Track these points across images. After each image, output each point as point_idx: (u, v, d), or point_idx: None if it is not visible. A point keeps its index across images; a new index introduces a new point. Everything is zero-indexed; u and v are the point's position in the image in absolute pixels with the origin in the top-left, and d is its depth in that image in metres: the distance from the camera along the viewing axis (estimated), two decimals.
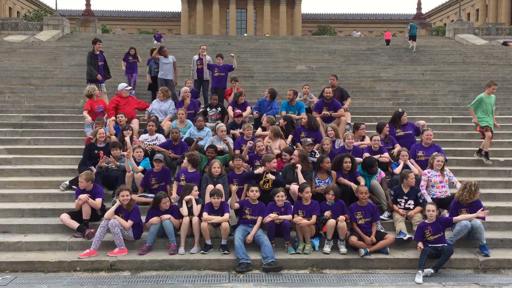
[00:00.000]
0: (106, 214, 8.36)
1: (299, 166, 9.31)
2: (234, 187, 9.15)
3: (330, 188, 8.61)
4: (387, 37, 32.51)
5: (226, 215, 8.36)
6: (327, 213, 8.37)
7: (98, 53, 14.30)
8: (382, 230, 8.63)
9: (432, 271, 7.71)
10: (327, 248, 8.31)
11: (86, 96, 12.61)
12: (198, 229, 8.31)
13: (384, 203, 9.31)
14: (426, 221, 8.25)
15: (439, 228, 8.10)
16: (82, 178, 8.79)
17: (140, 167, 9.79)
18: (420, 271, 7.63)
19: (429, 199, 9.05)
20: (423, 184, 9.32)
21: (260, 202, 8.69)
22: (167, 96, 12.87)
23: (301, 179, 9.12)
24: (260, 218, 8.45)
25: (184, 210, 8.46)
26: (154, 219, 8.36)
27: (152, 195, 9.40)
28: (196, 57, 15.10)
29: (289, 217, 8.38)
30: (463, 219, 8.29)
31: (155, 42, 32.11)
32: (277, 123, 11.61)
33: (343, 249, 8.30)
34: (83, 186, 8.76)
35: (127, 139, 10.68)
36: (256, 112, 12.53)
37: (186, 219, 8.35)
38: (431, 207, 8.21)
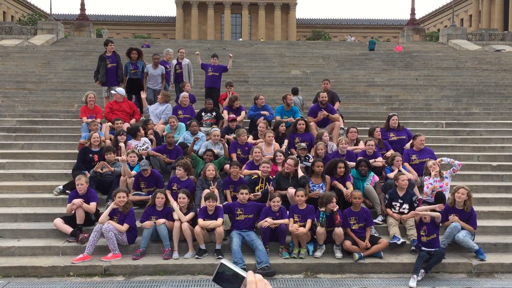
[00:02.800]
0: (101, 218, 8.33)
1: (299, 167, 9.41)
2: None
3: (331, 196, 8.43)
4: (398, 50, 31.50)
5: (220, 220, 8.34)
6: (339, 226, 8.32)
7: (109, 54, 13.62)
8: (376, 235, 8.65)
9: (423, 270, 7.75)
10: (318, 253, 8.34)
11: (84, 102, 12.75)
12: (190, 235, 8.30)
13: (378, 208, 9.34)
14: (423, 220, 8.24)
15: (434, 228, 8.13)
16: (82, 181, 8.75)
17: (133, 172, 9.77)
18: (415, 276, 7.66)
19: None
20: (427, 191, 9.37)
21: (250, 201, 8.73)
22: (166, 100, 12.80)
23: (300, 173, 9.24)
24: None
25: (175, 214, 8.45)
26: (147, 223, 8.35)
27: (145, 194, 9.41)
28: (174, 61, 14.73)
29: (285, 221, 8.39)
30: (452, 221, 8.39)
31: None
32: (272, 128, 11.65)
33: (338, 254, 8.31)
34: (84, 188, 8.74)
35: (122, 144, 10.66)
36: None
37: (177, 223, 8.33)
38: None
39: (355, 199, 8.54)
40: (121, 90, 12.73)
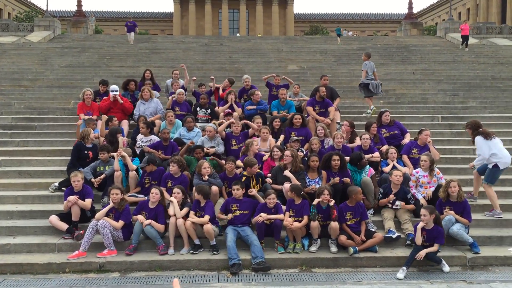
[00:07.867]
0: (97, 215, 8.34)
1: (287, 169, 9.29)
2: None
3: (323, 188, 8.51)
4: (464, 31, 28.08)
5: (207, 217, 8.28)
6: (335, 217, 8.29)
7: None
8: (373, 230, 8.62)
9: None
10: (313, 248, 8.34)
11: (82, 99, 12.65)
12: (185, 230, 8.28)
13: (372, 201, 9.35)
14: (424, 226, 7.95)
15: (434, 236, 7.96)
16: (78, 177, 8.75)
17: (134, 166, 9.79)
18: (404, 268, 7.70)
19: (420, 196, 9.15)
20: (412, 184, 9.38)
21: (245, 197, 8.74)
22: (150, 95, 12.58)
23: (294, 180, 9.13)
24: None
25: (171, 210, 8.45)
26: (138, 217, 8.35)
27: (142, 196, 9.42)
28: (169, 81, 14.67)
29: (280, 216, 8.39)
30: (447, 214, 8.45)
31: (129, 35, 30.70)
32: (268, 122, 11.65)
33: (333, 248, 8.31)
34: (80, 185, 8.76)
35: (120, 138, 10.65)
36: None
37: (173, 219, 8.32)
38: (423, 212, 7.97)
39: (355, 195, 8.51)
40: (115, 87, 12.72)
